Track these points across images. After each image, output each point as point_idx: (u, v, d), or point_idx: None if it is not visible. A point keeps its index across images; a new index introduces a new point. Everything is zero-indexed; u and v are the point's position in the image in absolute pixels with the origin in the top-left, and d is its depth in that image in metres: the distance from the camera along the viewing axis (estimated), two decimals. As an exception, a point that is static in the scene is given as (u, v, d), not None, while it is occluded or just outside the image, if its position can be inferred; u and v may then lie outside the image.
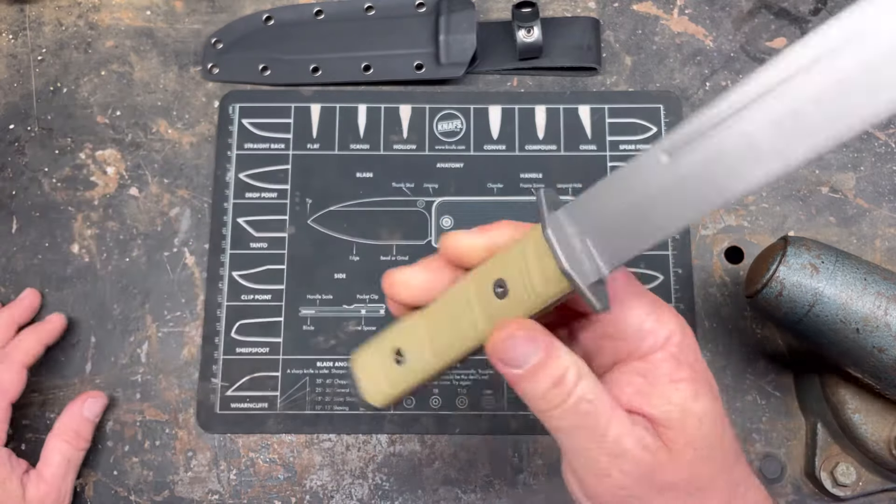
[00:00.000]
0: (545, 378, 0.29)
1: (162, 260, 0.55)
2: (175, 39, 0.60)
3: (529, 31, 0.56)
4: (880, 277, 0.45)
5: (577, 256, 0.28)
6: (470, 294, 0.32)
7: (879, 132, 0.57)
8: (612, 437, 0.29)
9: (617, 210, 0.28)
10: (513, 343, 0.29)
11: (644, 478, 0.29)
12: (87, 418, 0.50)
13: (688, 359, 0.31)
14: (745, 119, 0.25)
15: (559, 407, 0.29)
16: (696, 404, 0.30)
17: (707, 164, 0.26)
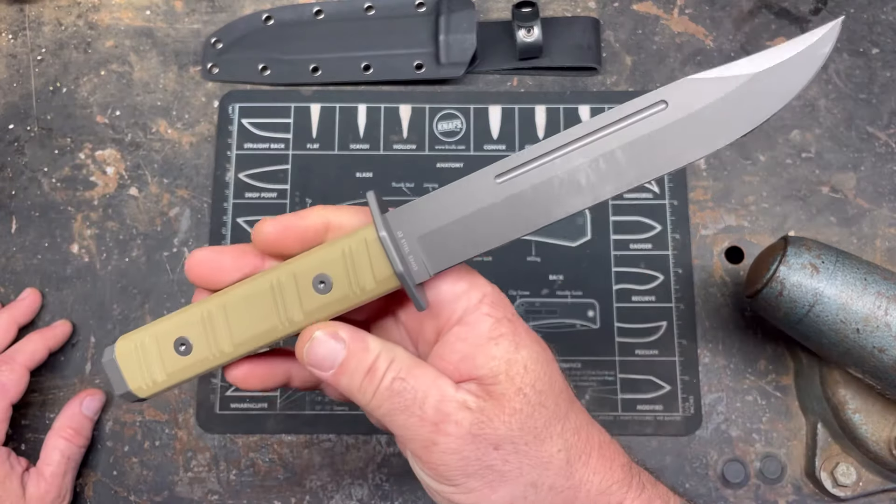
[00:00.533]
0: (356, 371, 0.31)
1: (162, 260, 0.55)
2: (175, 39, 0.60)
3: (529, 31, 0.56)
4: (880, 277, 0.45)
5: (406, 259, 0.30)
6: (284, 285, 0.31)
7: (880, 132, 0.57)
8: (430, 406, 0.30)
9: (449, 220, 0.31)
10: (316, 346, 0.31)
11: (472, 437, 0.30)
12: (86, 416, 0.50)
13: (505, 314, 0.32)
14: (570, 156, 0.30)
15: (376, 395, 0.30)
16: (519, 353, 0.31)
17: (534, 190, 0.30)
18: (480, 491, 0.30)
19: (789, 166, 0.56)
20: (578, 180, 0.30)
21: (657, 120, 0.30)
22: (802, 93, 0.57)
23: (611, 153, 0.30)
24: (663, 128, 0.29)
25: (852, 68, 0.58)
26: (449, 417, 0.30)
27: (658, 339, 0.53)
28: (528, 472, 0.31)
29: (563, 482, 0.31)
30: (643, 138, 0.30)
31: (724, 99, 0.29)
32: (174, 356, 0.33)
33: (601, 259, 0.55)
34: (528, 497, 0.31)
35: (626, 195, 0.56)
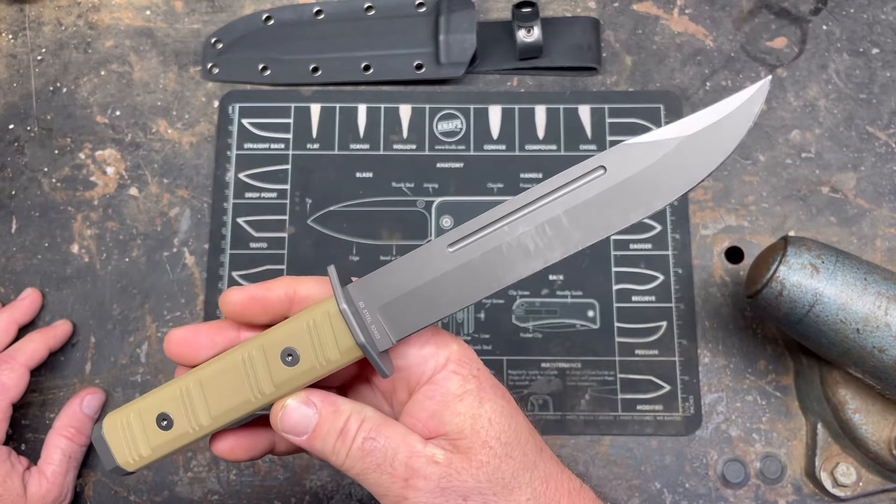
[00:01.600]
0: (329, 434, 0.32)
1: (162, 260, 0.55)
2: (175, 39, 0.60)
3: (529, 31, 0.56)
4: (880, 277, 0.45)
5: (368, 329, 0.32)
6: (255, 359, 0.33)
7: (880, 132, 0.57)
8: (400, 462, 0.31)
9: (406, 290, 0.32)
10: (289, 413, 0.32)
11: (441, 490, 0.31)
12: (86, 414, 0.51)
13: (470, 371, 0.33)
14: (518, 224, 0.32)
15: (349, 456, 0.32)
16: (483, 407, 0.33)
17: (485, 257, 0.32)
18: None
19: (789, 166, 0.56)
20: (527, 245, 0.31)
21: (597, 185, 0.31)
22: (802, 93, 0.57)
23: (556, 219, 0.31)
24: (603, 192, 0.31)
25: (852, 68, 0.58)
26: (418, 472, 0.31)
27: (658, 339, 0.53)
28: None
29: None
30: (585, 203, 0.31)
31: (658, 163, 0.31)
32: (157, 431, 0.34)
33: (601, 259, 0.55)
34: None
35: (626, 195, 0.56)
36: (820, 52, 0.58)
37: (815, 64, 0.58)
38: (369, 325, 0.32)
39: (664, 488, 0.51)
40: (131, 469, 0.35)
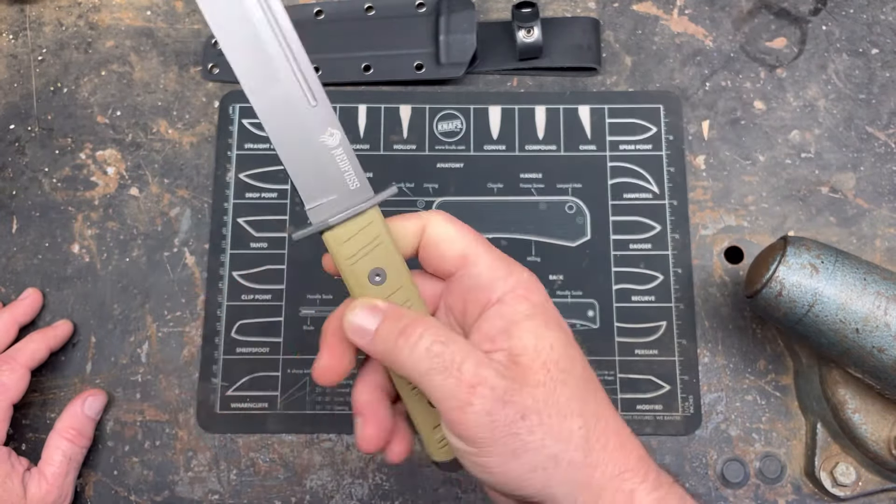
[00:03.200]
0: (390, 333, 0.33)
1: (162, 260, 0.55)
2: (175, 39, 0.60)
3: (529, 31, 0.56)
4: (880, 277, 0.45)
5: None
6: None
7: (879, 132, 0.57)
8: (468, 369, 0.32)
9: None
10: (355, 315, 0.34)
11: (503, 402, 0.31)
12: (88, 416, 0.51)
13: (538, 299, 0.35)
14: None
15: (412, 353, 0.32)
16: (548, 332, 0.34)
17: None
18: (503, 456, 0.31)
19: (789, 166, 0.56)
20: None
21: None
22: (802, 93, 0.57)
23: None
24: None
25: (852, 69, 0.58)
26: (485, 381, 0.31)
27: (658, 339, 0.53)
28: (549, 444, 0.32)
29: (580, 459, 0.32)
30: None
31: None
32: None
33: (601, 259, 0.55)
34: (548, 469, 0.32)
35: (626, 195, 0.56)
36: (819, 52, 0.58)
37: (815, 64, 0.58)
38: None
39: (664, 488, 0.51)
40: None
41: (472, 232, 0.36)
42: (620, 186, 0.56)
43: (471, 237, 0.36)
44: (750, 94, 0.58)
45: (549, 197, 0.56)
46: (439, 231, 0.35)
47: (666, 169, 0.56)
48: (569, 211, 0.56)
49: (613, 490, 0.32)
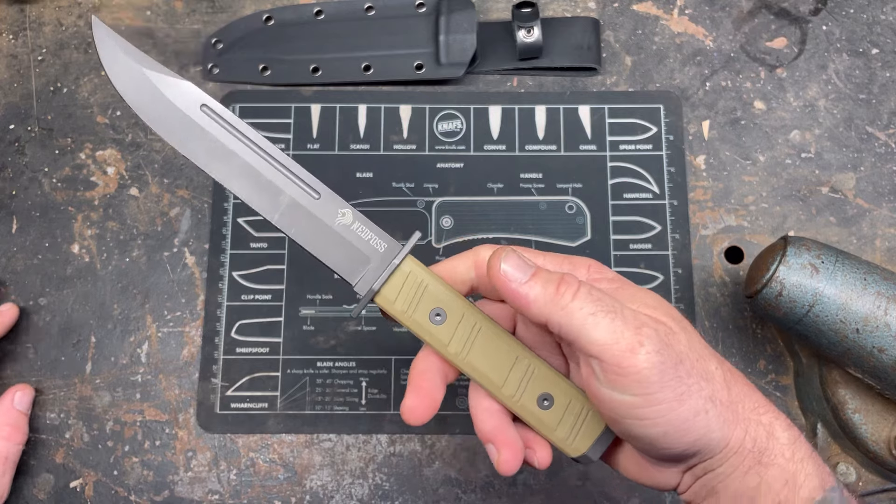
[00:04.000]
0: (549, 281, 0.33)
1: (162, 260, 0.55)
2: (175, 39, 0.60)
3: (529, 31, 0.56)
4: (880, 277, 0.45)
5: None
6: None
7: (879, 132, 0.57)
8: (630, 313, 0.32)
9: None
10: (511, 259, 0.34)
11: (664, 345, 0.31)
12: (20, 411, 0.50)
13: (611, 274, 0.37)
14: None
15: (575, 300, 0.32)
16: (643, 291, 0.35)
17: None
18: (669, 403, 0.31)
19: (789, 166, 0.56)
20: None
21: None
22: (802, 93, 0.57)
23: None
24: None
25: (852, 69, 0.58)
26: (646, 324, 0.31)
27: (658, 339, 0.53)
28: (704, 386, 0.32)
29: (726, 397, 0.32)
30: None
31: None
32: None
33: (601, 259, 0.55)
34: (709, 412, 0.32)
35: (626, 195, 0.56)
36: (819, 52, 0.58)
37: (815, 64, 0.58)
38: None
39: (664, 488, 0.51)
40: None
41: (515, 249, 0.36)
42: (620, 186, 0.56)
43: (521, 249, 0.36)
44: (750, 94, 0.58)
45: (549, 197, 0.56)
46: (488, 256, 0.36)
47: (666, 169, 0.56)
48: (569, 211, 0.56)
49: (755, 423, 0.33)
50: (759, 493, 0.32)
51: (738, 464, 0.32)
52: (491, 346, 0.36)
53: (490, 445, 0.36)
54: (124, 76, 0.36)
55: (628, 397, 0.31)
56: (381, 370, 0.53)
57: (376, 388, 0.53)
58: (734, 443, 0.32)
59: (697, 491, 0.34)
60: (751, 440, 0.32)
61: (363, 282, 0.36)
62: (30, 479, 0.52)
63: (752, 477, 0.32)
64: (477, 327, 0.36)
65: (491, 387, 0.36)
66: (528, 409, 0.36)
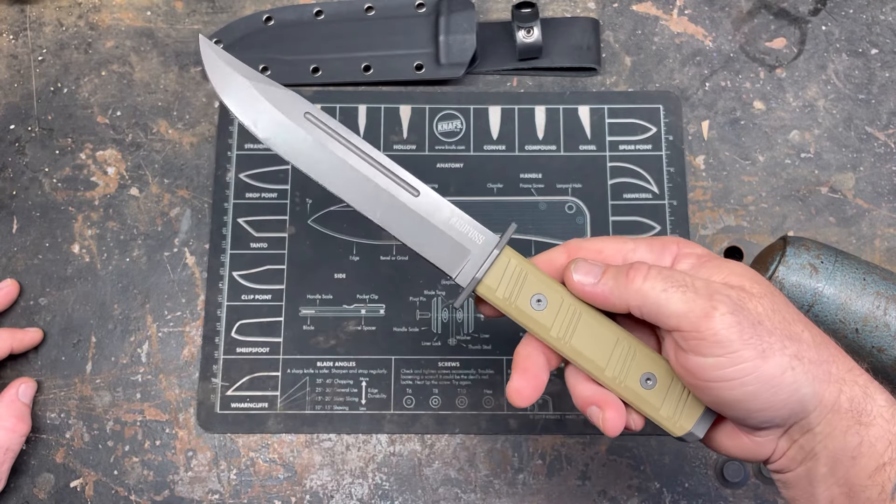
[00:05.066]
0: (618, 272, 0.35)
1: (162, 260, 0.55)
2: (175, 40, 0.60)
3: (529, 32, 0.56)
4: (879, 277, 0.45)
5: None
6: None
7: (879, 132, 0.57)
8: (700, 284, 0.33)
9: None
10: (580, 264, 0.36)
11: (740, 308, 0.32)
12: (24, 403, 0.51)
13: (700, 249, 0.37)
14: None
15: (646, 280, 0.34)
16: (730, 262, 0.35)
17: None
18: (753, 361, 0.32)
19: (788, 166, 0.56)
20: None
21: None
22: (801, 93, 0.57)
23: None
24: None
25: (851, 69, 0.58)
26: (718, 291, 0.33)
27: (657, 339, 0.53)
28: (788, 345, 0.32)
29: (816, 356, 0.33)
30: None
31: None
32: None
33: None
34: (796, 368, 0.32)
35: (626, 195, 0.56)
36: (819, 52, 0.58)
37: (814, 64, 0.58)
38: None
39: (664, 488, 0.51)
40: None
41: (604, 238, 0.38)
42: (620, 186, 0.56)
43: (607, 238, 0.38)
44: (749, 95, 0.58)
45: (548, 197, 0.56)
46: (579, 244, 0.38)
47: (666, 169, 0.56)
48: (569, 211, 0.56)
49: (851, 383, 0.33)
50: (861, 454, 0.32)
51: (836, 422, 0.33)
52: (592, 329, 0.36)
53: (593, 408, 0.36)
54: (233, 92, 0.38)
55: (712, 359, 0.32)
56: (381, 370, 0.53)
57: (376, 388, 0.53)
58: (828, 400, 0.32)
59: (793, 456, 0.34)
60: (847, 399, 0.33)
61: (464, 273, 0.38)
62: (30, 479, 0.52)
63: (852, 436, 0.32)
64: (577, 312, 0.36)
65: (595, 369, 0.36)
66: (632, 390, 0.36)
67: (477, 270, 0.37)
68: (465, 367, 0.53)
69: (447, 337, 0.54)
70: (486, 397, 0.53)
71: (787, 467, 0.35)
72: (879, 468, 0.32)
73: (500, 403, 0.53)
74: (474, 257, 0.38)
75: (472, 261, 0.38)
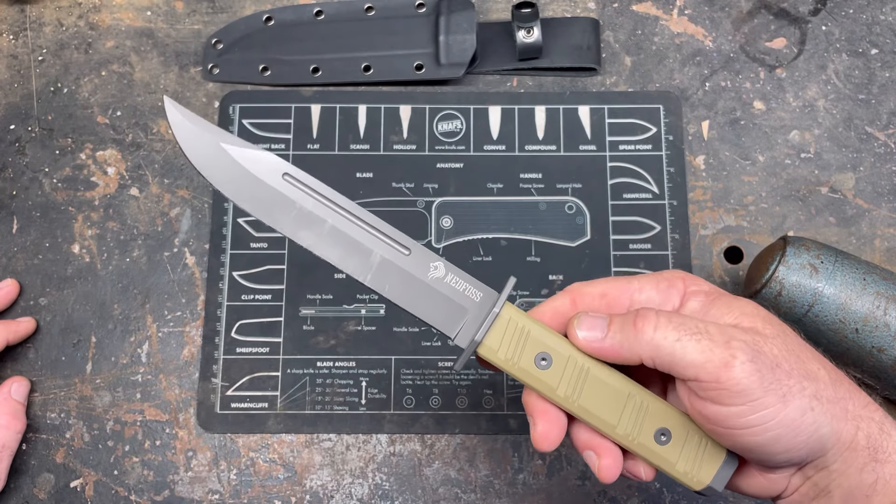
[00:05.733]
0: (625, 324, 0.33)
1: (162, 260, 0.55)
2: (175, 40, 0.60)
3: (529, 32, 0.56)
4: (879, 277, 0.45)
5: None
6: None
7: (879, 132, 0.57)
8: (715, 330, 0.32)
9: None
10: (583, 318, 0.35)
11: (757, 353, 0.31)
12: (17, 401, 0.51)
13: (707, 287, 0.36)
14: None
15: (657, 330, 0.32)
16: (739, 301, 0.35)
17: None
18: (775, 406, 0.31)
19: (788, 166, 0.56)
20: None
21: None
22: (801, 93, 0.57)
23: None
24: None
25: (851, 69, 0.58)
26: (735, 336, 0.32)
27: (658, 339, 0.53)
28: (807, 385, 0.32)
29: (833, 394, 0.33)
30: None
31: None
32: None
33: (601, 259, 0.55)
34: (815, 409, 0.32)
35: (626, 195, 0.56)
36: (819, 52, 0.58)
37: (815, 64, 0.58)
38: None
39: (664, 488, 0.51)
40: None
41: (607, 280, 0.37)
42: (620, 186, 0.56)
43: (611, 279, 0.37)
44: (749, 95, 0.58)
45: (548, 197, 0.56)
46: (582, 289, 0.36)
47: (666, 169, 0.56)
48: (569, 211, 0.56)
49: (867, 420, 0.33)
50: (876, 491, 0.32)
51: (852, 460, 0.32)
52: (601, 386, 0.35)
53: (589, 452, 0.35)
54: (202, 153, 0.36)
55: (734, 409, 0.31)
56: (381, 370, 0.53)
57: (376, 388, 0.53)
58: (846, 438, 0.32)
59: (806, 492, 0.34)
60: (864, 436, 0.32)
61: (463, 334, 0.36)
62: (30, 479, 0.52)
63: (867, 474, 0.32)
64: (585, 368, 0.35)
65: (605, 428, 0.35)
66: (646, 447, 0.35)
67: (476, 331, 0.35)
68: (466, 367, 0.53)
69: (447, 337, 0.54)
70: (486, 397, 0.53)
71: (798, 502, 0.34)
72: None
73: (500, 403, 0.53)
74: (472, 316, 0.36)
75: (470, 320, 0.36)
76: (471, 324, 0.36)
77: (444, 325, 0.36)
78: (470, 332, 0.36)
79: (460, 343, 0.36)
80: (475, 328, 0.36)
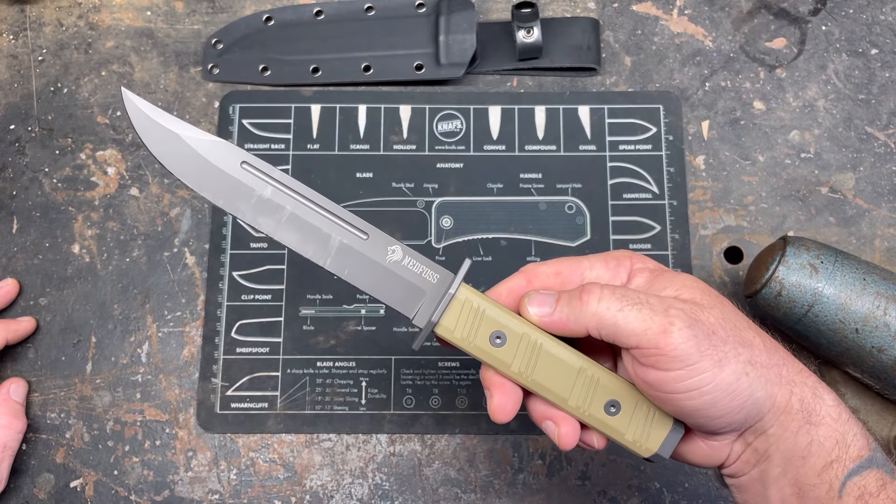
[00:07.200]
0: (571, 298, 0.35)
1: (162, 260, 0.55)
2: (175, 40, 0.60)
3: (529, 32, 0.56)
4: (879, 277, 0.45)
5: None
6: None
7: (879, 132, 0.57)
8: (655, 301, 0.34)
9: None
10: (533, 296, 0.36)
11: (694, 321, 0.33)
12: (17, 401, 0.51)
13: (651, 264, 0.38)
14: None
15: (601, 301, 0.34)
16: (680, 275, 0.36)
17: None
18: (711, 371, 0.33)
19: (788, 166, 0.56)
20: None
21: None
22: (801, 93, 0.57)
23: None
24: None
25: (851, 69, 0.58)
26: (673, 305, 0.34)
27: (657, 339, 0.53)
28: (742, 351, 0.34)
29: (767, 360, 0.34)
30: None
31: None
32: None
33: (601, 259, 0.55)
34: (749, 374, 0.33)
35: (626, 195, 0.56)
36: (819, 52, 0.58)
37: (814, 64, 0.58)
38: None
39: (664, 488, 0.51)
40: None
41: (560, 260, 0.38)
42: (620, 186, 0.56)
43: (564, 259, 0.38)
44: (749, 95, 0.58)
45: (548, 197, 0.56)
46: (536, 269, 0.38)
47: (665, 169, 0.56)
48: (569, 211, 0.56)
49: (801, 384, 0.34)
50: (811, 453, 0.33)
51: (788, 423, 0.34)
52: (553, 361, 0.36)
53: (547, 422, 0.37)
54: (160, 143, 0.37)
55: (673, 373, 0.33)
56: (381, 370, 0.53)
57: (376, 388, 0.53)
58: (780, 402, 0.34)
59: (748, 459, 0.35)
60: (798, 400, 0.34)
61: (421, 314, 0.37)
62: (30, 479, 0.52)
63: (802, 436, 0.34)
64: (538, 345, 0.36)
65: (558, 401, 0.36)
66: (596, 418, 0.36)
67: (433, 311, 0.37)
68: (465, 367, 0.53)
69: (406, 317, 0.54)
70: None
71: (741, 471, 0.36)
72: (827, 466, 0.33)
73: (500, 403, 0.53)
74: (429, 297, 0.37)
75: (428, 301, 0.37)
76: (428, 304, 0.37)
77: (403, 306, 0.38)
78: (427, 313, 0.37)
79: (418, 323, 0.37)
80: (432, 308, 0.37)
